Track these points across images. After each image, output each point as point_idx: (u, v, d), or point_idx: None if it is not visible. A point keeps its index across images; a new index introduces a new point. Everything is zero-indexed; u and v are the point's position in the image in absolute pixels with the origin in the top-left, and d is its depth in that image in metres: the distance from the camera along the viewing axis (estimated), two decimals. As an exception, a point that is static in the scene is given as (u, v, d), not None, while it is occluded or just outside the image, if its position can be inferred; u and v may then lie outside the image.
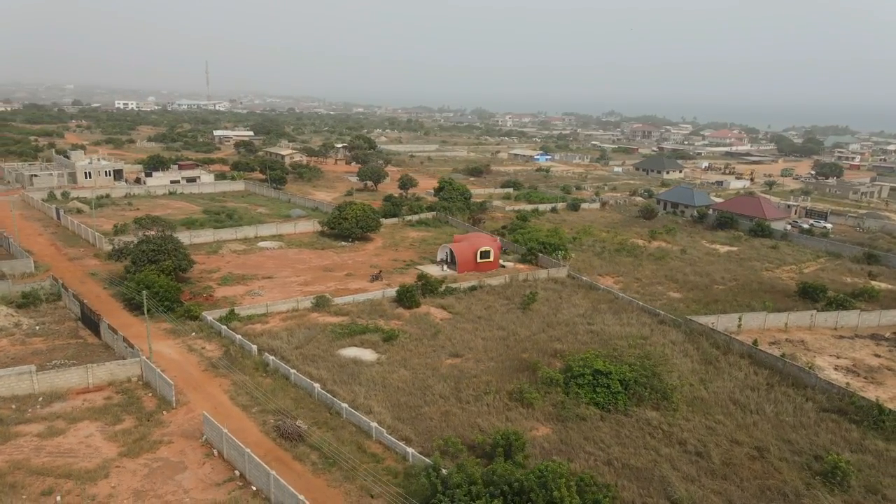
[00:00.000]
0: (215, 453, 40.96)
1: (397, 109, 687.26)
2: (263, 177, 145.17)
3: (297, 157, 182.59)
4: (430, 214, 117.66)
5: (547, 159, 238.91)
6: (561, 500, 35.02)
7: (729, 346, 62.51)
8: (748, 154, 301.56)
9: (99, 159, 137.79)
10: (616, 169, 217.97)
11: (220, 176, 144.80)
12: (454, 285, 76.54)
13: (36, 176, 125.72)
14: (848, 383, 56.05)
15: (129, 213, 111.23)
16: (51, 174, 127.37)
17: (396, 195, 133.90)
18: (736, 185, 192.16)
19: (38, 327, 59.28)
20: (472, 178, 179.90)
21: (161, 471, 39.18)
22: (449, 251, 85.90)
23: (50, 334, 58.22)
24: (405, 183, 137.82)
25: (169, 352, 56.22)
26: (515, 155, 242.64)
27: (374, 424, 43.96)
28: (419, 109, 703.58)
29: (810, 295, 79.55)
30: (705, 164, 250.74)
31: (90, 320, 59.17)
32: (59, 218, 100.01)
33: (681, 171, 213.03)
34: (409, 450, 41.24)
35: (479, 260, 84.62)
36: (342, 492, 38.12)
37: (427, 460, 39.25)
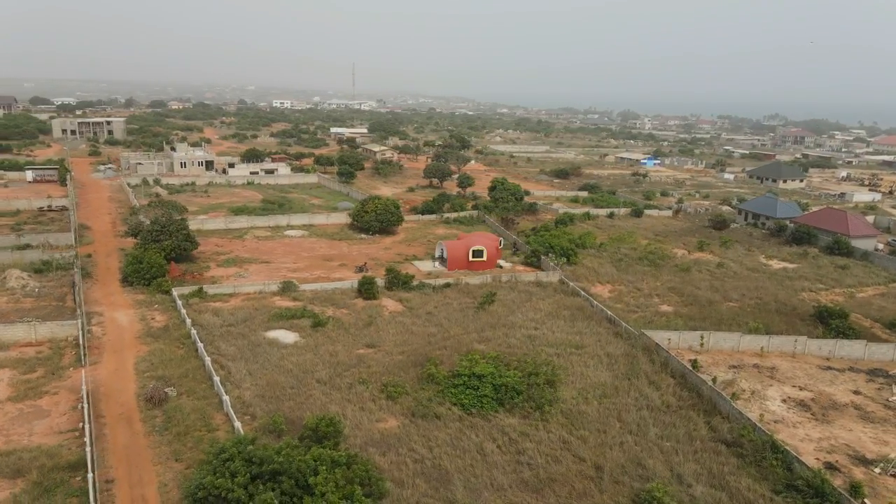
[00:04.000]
0: (79, 407, 46.35)
1: (540, 111, 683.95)
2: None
3: (388, 154, 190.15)
4: (474, 213, 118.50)
5: (655, 164, 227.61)
6: (315, 485, 36.14)
7: (666, 363, 58.14)
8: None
9: (193, 151, 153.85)
10: (726, 176, 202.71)
11: (298, 169, 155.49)
12: (429, 281, 77.54)
13: (140, 164, 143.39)
14: (762, 415, 50.31)
15: (200, 200, 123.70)
16: (152, 163, 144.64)
17: (454, 192, 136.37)
18: (862, 197, 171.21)
19: (37, 290, 69.25)
20: (555, 181, 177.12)
21: (27, 416, 45.23)
22: (443, 248, 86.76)
23: (42, 296, 67.84)
24: (463, 181, 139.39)
25: (122, 319, 63.33)
26: (622, 158, 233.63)
27: (226, 398, 47.14)
28: (563, 111, 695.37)
29: (825, 320, 70.93)
30: (844, 173, 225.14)
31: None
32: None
33: (802, 181, 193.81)
34: (237, 424, 43.91)
35: (471, 259, 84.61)
36: (156, 452, 41.73)
37: (244, 434, 41.65)
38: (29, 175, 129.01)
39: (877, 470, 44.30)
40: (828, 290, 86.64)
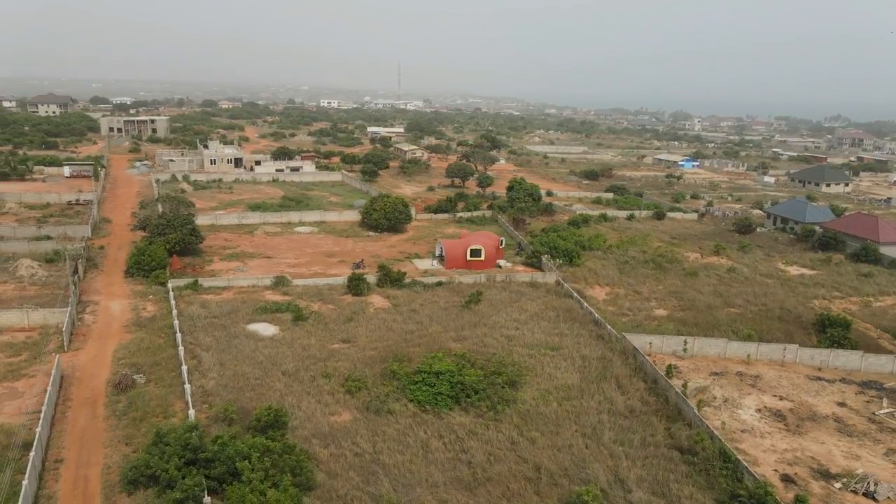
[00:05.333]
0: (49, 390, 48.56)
1: (590, 111, 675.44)
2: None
3: (418, 153, 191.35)
4: (488, 212, 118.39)
5: (694, 166, 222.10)
6: (241, 471, 37.19)
7: (640, 367, 56.96)
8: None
9: (223, 148, 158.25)
10: (766, 179, 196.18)
11: (324, 167, 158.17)
12: (422, 279, 77.88)
13: (172, 161, 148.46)
14: (723, 423, 48.85)
15: (223, 195, 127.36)
16: (184, 160, 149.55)
17: (474, 192, 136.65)
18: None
19: (44, 278, 72.70)
20: (584, 182, 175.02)
21: (1, 396, 47.66)
22: (442, 247, 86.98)
23: (47, 284, 71.18)
24: (482, 181, 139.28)
25: (116, 308, 65.94)
26: (659, 160, 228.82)
27: (187, 386, 48.64)
28: (612, 111, 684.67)
29: (825, 330, 68.11)
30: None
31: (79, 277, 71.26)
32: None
33: (847, 185, 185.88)
34: (191, 411, 45.27)
35: (469, 258, 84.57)
36: (110, 436, 43.42)
37: (188, 422, 43.02)
38: (66, 171, 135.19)
39: (837, 485, 42.46)
40: (843, 299, 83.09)
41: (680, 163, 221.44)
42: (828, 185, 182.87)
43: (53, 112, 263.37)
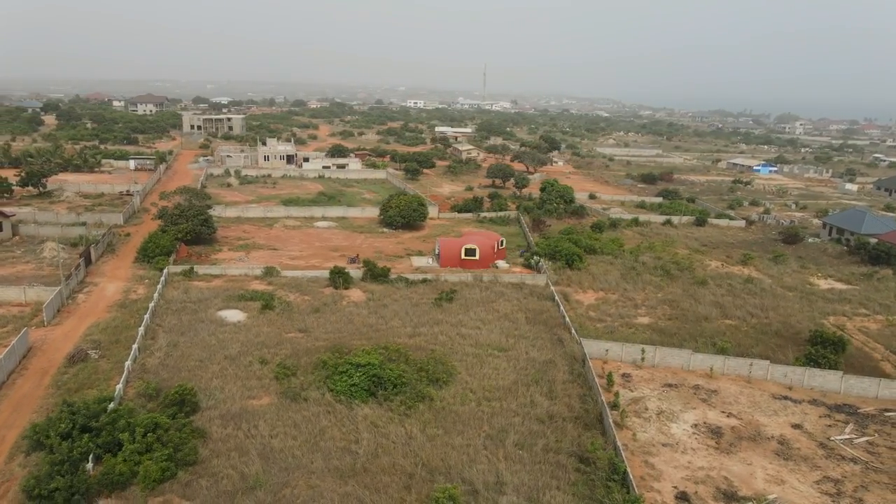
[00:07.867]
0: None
1: (687, 113, 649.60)
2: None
3: (474, 153, 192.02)
4: (513, 213, 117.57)
5: (771, 171, 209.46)
6: (122, 441, 39.90)
7: (583, 374, 55.34)
8: None
9: (277, 145, 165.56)
10: (847, 186, 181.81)
11: (371, 165, 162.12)
12: (411, 275, 78.78)
13: (229, 157, 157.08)
14: (635, 434, 46.43)
15: (264, 190, 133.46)
16: (239, 156, 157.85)
17: (508, 193, 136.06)
18: None
19: (63, 259, 79.40)
20: (639, 185, 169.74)
21: (-29, 362, 53.02)
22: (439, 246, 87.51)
23: (63, 266, 77.73)
24: (519, 182, 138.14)
25: (111, 289, 71.29)
26: (734, 164, 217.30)
27: (128, 363, 52.17)
28: (713, 114, 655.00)
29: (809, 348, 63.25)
30: None
31: (88, 259, 77.56)
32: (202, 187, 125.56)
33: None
34: (119, 386, 48.62)
35: (463, 257, 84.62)
36: (42, 403, 47.30)
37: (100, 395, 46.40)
38: (131, 164, 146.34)
39: (738, 508, 39.76)
40: (868, 317, 76.67)
41: (756, 167, 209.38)
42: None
43: (150, 110, 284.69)
